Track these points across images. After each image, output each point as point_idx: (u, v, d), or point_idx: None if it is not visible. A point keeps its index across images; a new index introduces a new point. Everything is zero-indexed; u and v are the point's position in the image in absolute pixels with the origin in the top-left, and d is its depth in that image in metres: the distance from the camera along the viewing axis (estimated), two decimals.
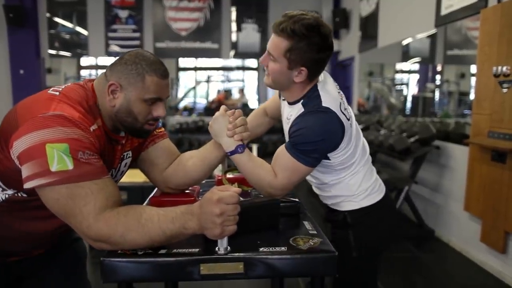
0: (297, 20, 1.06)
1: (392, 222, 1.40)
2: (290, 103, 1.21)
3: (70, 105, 0.89)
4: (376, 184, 1.32)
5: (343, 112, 1.13)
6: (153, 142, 1.17)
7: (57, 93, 0.92)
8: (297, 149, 1.10)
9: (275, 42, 1.10)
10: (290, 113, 1.20)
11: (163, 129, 1.23)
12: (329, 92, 1.16)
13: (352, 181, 1.26)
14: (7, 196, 0.95)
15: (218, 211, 0.83)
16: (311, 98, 1.15)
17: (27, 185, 0.83)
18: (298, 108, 1.16)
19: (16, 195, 0.95)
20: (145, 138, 1.14)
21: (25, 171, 0.83)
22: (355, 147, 1.21)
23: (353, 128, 1.20)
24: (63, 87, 0.96)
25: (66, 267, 1.19)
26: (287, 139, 1.19)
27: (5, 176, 0.93)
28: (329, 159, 1.19)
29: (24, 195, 0.94)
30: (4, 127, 0.90)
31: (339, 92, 1.20)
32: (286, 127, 1.23)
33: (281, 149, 1.15)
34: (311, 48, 1.08)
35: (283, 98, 1.28)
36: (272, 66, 1.13)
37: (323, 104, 1.11)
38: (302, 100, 1.17)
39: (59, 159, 0.81)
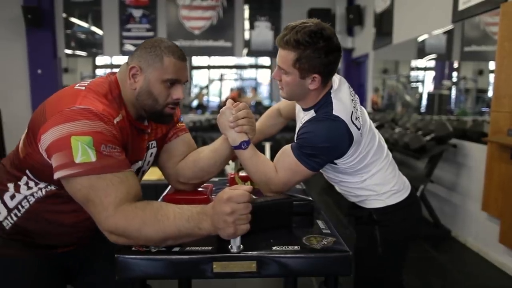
0: (299, 30, 1.07)
1: (417, 220, 1.41)
2: (305, 109, 1.22)
3: (95, 98, 0.93)
4: (400, 182, 1.31)
5: (353, 122, 1.12)
6: (176, 135, 1.21)
7: (83, 87, 0.96)
8: (302, 152, 1.11)
9: (283, 55, 1.11)
10: (304, 117, 1.21)
11: (184, 124, 1.25)
12: (342, 100, 1.15)
13: (373, 182, 1.26)
14: (45, 191, 0.99)
15: (229, 210, 0.83)
16: (324, 105, 1.15)
17: (55, 176, 0.87)
18: (311, 114, 1.17)
19: (48, 188, 0.99)
20: (167, 124, 1.16)
21: (53, 162, 0.87)
22: (365, 154, 1.20)
23: (365, 136, 1.19)
24: (89, 81, 1.00)
25: (110, 256, 1.22)
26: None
27: (36, 170, 0.97)
28: (336, 164, 1.20)
29: (57, 187, 0.98)
30: (33, 121, 0.94)
31: (352, 100, 1.19)
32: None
33: (287, 148, 1.15)
34: (319, 53, 1.08)
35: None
36: (285, 79, 1.14)
37: (334, 112, 1.11)
38: (315, 107, 1.18)
39: (83, 151, 0.84)
